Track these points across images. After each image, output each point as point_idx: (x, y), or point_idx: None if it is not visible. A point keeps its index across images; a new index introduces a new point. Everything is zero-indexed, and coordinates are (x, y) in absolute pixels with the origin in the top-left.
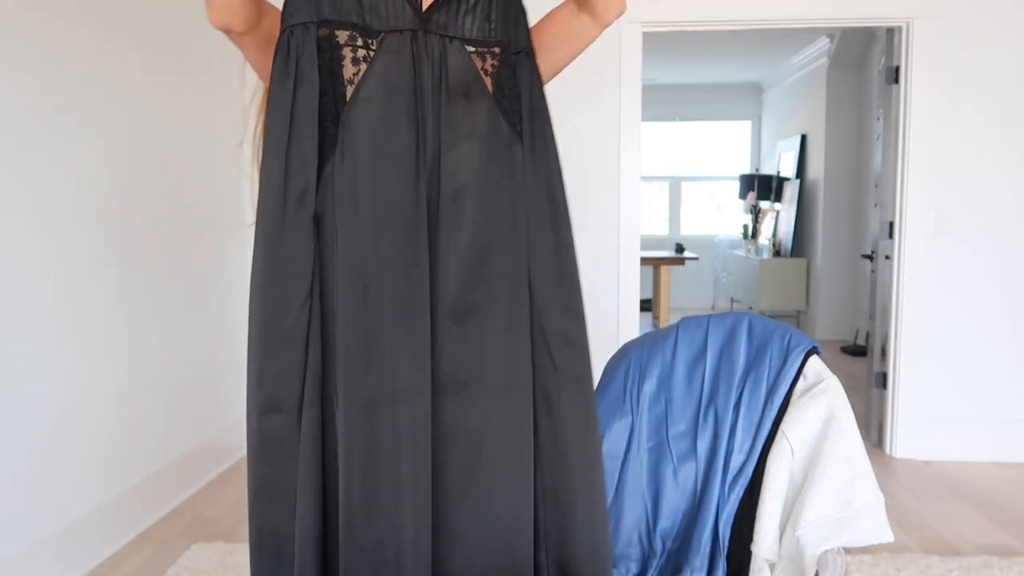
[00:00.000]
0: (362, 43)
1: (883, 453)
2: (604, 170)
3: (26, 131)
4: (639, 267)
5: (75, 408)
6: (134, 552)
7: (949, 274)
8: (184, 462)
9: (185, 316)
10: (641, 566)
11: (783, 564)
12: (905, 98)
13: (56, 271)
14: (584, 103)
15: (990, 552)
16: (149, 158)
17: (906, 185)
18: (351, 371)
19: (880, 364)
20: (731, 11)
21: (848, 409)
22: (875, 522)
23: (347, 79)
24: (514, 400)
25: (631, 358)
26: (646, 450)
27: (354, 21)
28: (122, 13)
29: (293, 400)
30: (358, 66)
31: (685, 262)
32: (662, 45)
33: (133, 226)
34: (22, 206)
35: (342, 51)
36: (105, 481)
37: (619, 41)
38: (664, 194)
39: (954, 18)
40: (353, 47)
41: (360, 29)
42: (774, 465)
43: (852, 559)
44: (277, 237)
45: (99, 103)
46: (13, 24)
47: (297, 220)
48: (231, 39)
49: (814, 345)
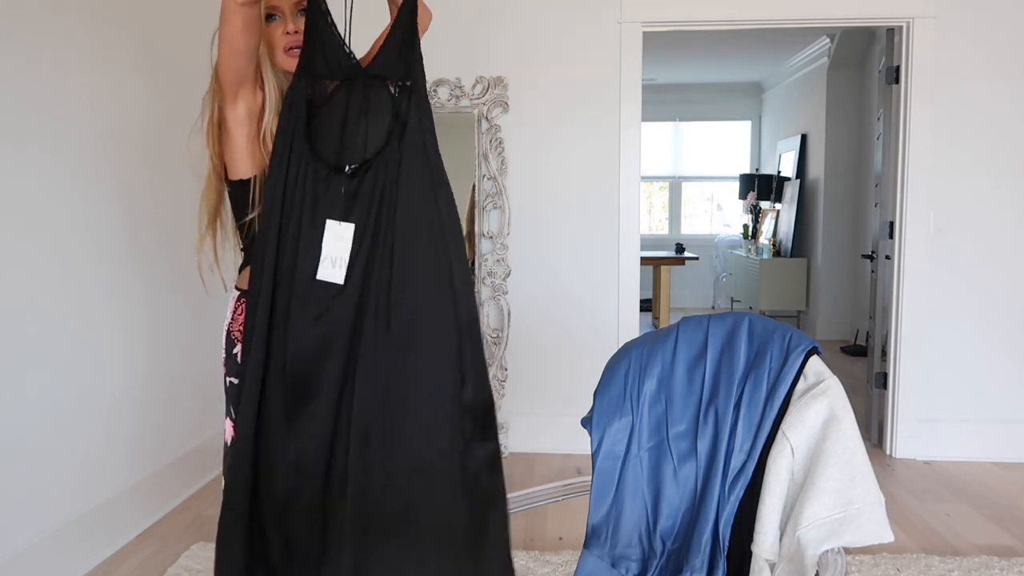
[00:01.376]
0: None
1: (883, 453)
2: (604, 170)
3: (28, 133)
4: (639, 267)
5: (75, 408)
6: (134, 552)
7: (949, 274)
8: (184, 462)
9: (185, 316)
10: (641, 566)
11: (783, 564)
12: (905, 98)
13: (56, 272)
14: (584, 103)
15: (990, 552)
16: (148, 159)
17: (906, 185)
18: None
19: (880, 364)
20: (731, 11)
21: (848, 409)
22: (875, 522)
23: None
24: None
25: (631, 358)
26: (646, 450)
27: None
28: (122, 14)
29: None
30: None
31: (685, 262)
32: (662, 45)
33: (135, 226)
34: (19, 207)
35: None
36: (105, 481)
37: (619, 41)
38: (664, 194)
39: (954, 18)
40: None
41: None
42: (774, 465)
43: (852, 559)
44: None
45: (99, 103)
46: (15, 25)
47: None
48: (230, 5)
49: (814, 345)
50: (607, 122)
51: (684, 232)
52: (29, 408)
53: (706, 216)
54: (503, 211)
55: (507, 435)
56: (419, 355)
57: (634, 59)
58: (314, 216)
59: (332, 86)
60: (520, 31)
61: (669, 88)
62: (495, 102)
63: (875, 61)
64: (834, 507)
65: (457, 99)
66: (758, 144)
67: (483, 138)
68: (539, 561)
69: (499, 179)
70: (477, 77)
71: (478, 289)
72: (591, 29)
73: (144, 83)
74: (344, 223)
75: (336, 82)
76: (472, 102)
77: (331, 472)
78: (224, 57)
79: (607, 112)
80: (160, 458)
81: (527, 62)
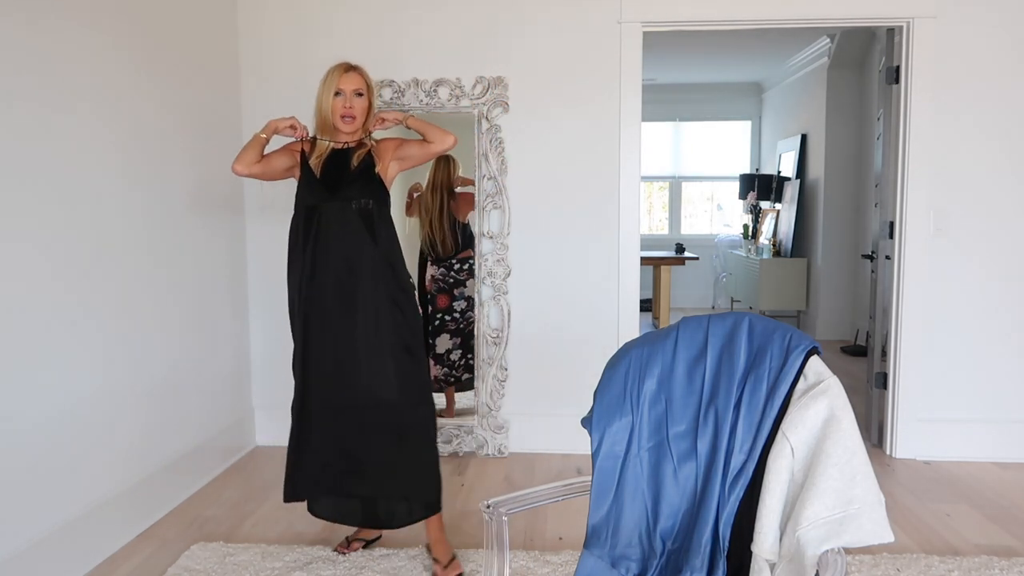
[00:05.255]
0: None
1: (883, 453)
2: (604, 170)
3: (32, 136)
4: (639, 267)
5: (75, 408)
6: (134, 552)
7: (949, 274)
8: (184, 462)
9: (186, 317)
10: (641, 566)
11: (783, 564)
12: (905, 98)
13: (56, 272)
14: (584, 103)
15: (990, 552)
16: (151, 160)
17: (906, 185)
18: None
19: (880, 364)
20: (731, 11)
21: (848, 409)
22: (875, 522)
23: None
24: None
25: (631, 358)
26: (646, 450)
27: (311, 204)
28: (123, 16)
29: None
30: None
31: (685, 262)
32: (662, 45)
33: (136, 227)
34: (28, 207)
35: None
36: (105, 481)
37: (619, 41)
38: (664, 194)
39: (954, 18)
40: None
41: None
42: (774, 465)
43: (852, 559)
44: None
45: (102, 104)
46: (22, 27)
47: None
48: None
49: (814, 345)
50: (607, 122)
51: (684, 232)
52: (28, 409)
53: (706, 216)
54: (503, 211)
55: (507, 435)
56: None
57: (634, 59)
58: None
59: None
60: (520, 31)
61: (669, 88)
62: (495, 102)
63: (875, 61)
64: (834, 507)
65: (457, 99)
66: (758, 144)
67: (483, 138)
68: (539, 561)
69: (499, 179)
70: (477, 77)
71: (479, 289)
72: (591, 29)
73: (145, 79)
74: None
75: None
76: (472, 102)
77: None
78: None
79: (607, 112)
80: (160, 458)
81: (527, 62)
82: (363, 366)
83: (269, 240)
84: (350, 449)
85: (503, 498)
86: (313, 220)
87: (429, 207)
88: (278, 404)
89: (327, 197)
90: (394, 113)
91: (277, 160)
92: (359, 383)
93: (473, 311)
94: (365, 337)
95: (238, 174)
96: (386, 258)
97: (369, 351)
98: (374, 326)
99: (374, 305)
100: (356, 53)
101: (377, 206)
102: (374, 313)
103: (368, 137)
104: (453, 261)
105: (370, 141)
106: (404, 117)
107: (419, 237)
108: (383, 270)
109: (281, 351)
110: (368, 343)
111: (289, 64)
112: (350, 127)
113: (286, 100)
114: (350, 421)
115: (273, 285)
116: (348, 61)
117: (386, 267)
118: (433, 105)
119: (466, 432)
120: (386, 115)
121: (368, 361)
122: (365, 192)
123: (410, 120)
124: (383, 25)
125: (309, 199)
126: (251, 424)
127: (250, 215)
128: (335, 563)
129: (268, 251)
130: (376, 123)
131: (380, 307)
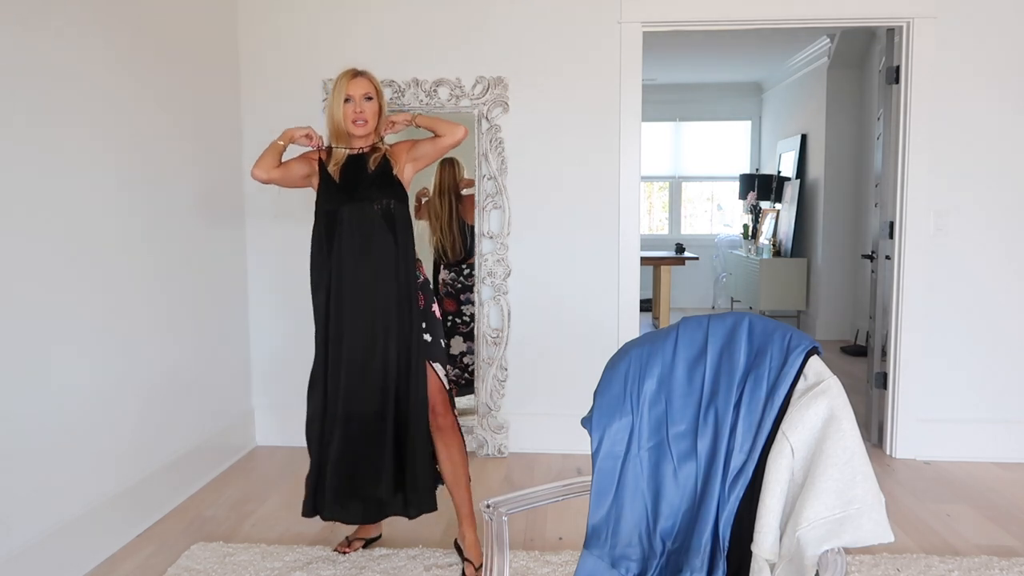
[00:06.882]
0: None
1: (883, 453)
2: (604, 170)
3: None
4: (639, 267)
5: (75, 408)
6: (134, 552)
7: (949, 274)
8: (184, 462)
9: (186, 317)
10: (641, 566)
11: (783, 564)
12: (905, 98)
13: (56, 273)
14: (584, 103)
15: (990, 552)
16: (151, 161)
17: (906, 185)
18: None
19: (880, 364)
20: (731, 11)
21: (848, 409)
22: (875, 522)
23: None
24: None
25: (631, 358)
26: (646, 450)
27: (332, 208)
28: (124, 18)
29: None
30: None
31: (685, 262)
32: (662, 45)
33: (136, 227)
34: (28, 208)
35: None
36: (105, 481)
37: (619, 41)
38: (664, 194)
39: (954, 18)
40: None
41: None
42: (774, 465)
43: (852, 559)
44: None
45: (102, 106)
46: (22, 28)
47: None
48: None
49: (814, 345)
50: (607, 122)
51: (684, 232)
52: (29, 409)
53: (706, 216)
54: (503, 211)
55: (507, 435)
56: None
57: (634, 59)
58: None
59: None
60: (520, 31)
61: (669, 88)
62: (495, 102)
63: (875, 61)
64: (834, 507)
65: (457, 99)
66: (758, 144)
67: (483, 138)
68: (539, 561)
69: (499, 179)
70: (477, 77)
71: (478, 289)
72: (591, 29)
73: (149, 79)
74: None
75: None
76: (472, 102)
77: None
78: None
79: (607, 112)
80: (160, 458)
81: (527, 62)
82: (390, 368)
83: (269, 240)
84: (372, 455)
85: (503, 498)
86: (335, 223)
87: (438, 211)
88: (278, 404)
89: (348, 200)
90: (403, 115)
91: (295, 167)
92: (387, 386)
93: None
94: (387, 338)
95: (258, 180)
96: (407, 258)
97: (395, 352)
98: (396, 326)
99: (397, 304)
100: (356, 53)
101: (398, 206)
102: (396, 313)
103: (381, 141)
104: (463, 266)
105: (383, 145)
106: (412, 117)
107: (427, 241)
108: (406, 270)
109: (281, 351)
110: (392, 344)
111: (289, 65)
112: (363, 130)
113: (286, 102)
114: (374, 424)
115: (273, 285)
116: (355, 67)
117: (408, 267)
118: (433, 105)
119: (466, 432)
120: (395, 118)
121: (396, 363)
122: (386, 192)
123: (419, 118)
124: (383, 25)
125: (331, 203)
126: (251, 424)
127: (250, 215)
128: (335, 563)
129: (268, 251)
130: (387, 127)
131: (401, 306)
